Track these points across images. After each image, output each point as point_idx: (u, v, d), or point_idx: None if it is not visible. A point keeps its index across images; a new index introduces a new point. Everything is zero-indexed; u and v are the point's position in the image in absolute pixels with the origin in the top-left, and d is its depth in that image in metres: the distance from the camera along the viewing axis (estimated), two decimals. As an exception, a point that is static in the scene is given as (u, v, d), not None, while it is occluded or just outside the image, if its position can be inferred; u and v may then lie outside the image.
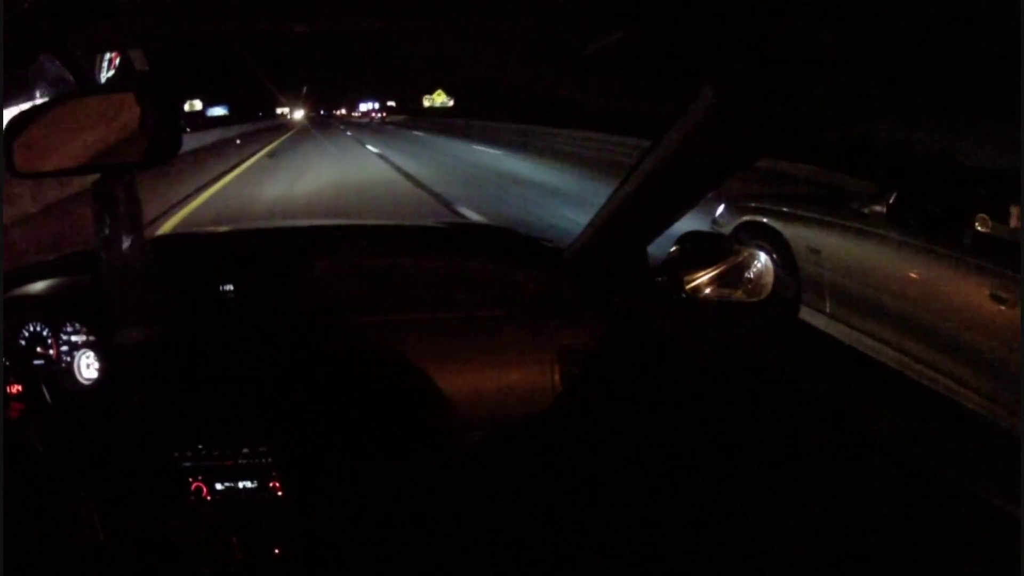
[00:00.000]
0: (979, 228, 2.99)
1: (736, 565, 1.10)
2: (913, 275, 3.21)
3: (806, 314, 3.86)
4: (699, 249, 1.27)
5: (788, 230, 4.01)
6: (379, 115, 65.27)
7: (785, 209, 4.20)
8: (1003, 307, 2.69)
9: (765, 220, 4.22)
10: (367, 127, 46.62)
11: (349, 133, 34.88)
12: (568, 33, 0.80)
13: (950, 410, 0.98)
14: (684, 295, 1.27)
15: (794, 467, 1.02)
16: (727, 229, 4.54)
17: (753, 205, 4.51)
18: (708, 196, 1.16)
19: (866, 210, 3.61)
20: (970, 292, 2.86)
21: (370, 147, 20.97)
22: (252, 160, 17.28)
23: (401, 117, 56.38)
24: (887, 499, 0.86)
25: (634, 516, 1.29)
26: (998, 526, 0.73)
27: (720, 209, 4.81)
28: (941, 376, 2.96)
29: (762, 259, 1.24)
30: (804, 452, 1.01)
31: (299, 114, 60.86)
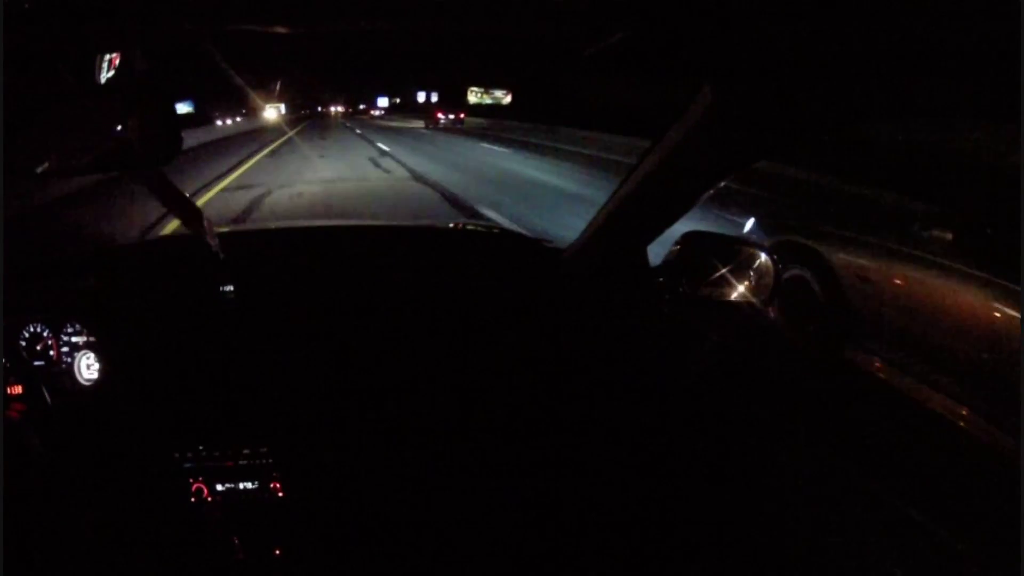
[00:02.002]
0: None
1: (736, 565, 1.10)
2: (986, 316, 2.56)
3: (854, 354, 3.18)
4: (699, 249, 1.27)
5: (833, 253, 3.44)
6: (448, 117, 34.60)
7: (830, 229, 3.59)
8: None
9: (806, 240, 3.64)
10: (418, 139, 23.39)
11: (383, 147, 18.58)
12: (568, 33, 0.80)
13: (949, 411, 0.98)
14: (684, 295, 1.27)
15: (794, 467, 1.02)
16: None
17: (791, 222, 3.91)
18: (733, 210, 1.14)
19: (927, 235, 3.05)
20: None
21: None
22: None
23: (479, 122, 31.88)
24: (887, 498, 0.86)
25: (634, 516, 1.29)
26: (998, 525, 0.73)
27: (750, 225, 4.23)
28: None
29: (762, 259, 1.24)
30: (804, 452, 1.01)
31: (272, 113, 39.12)
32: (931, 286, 2.87)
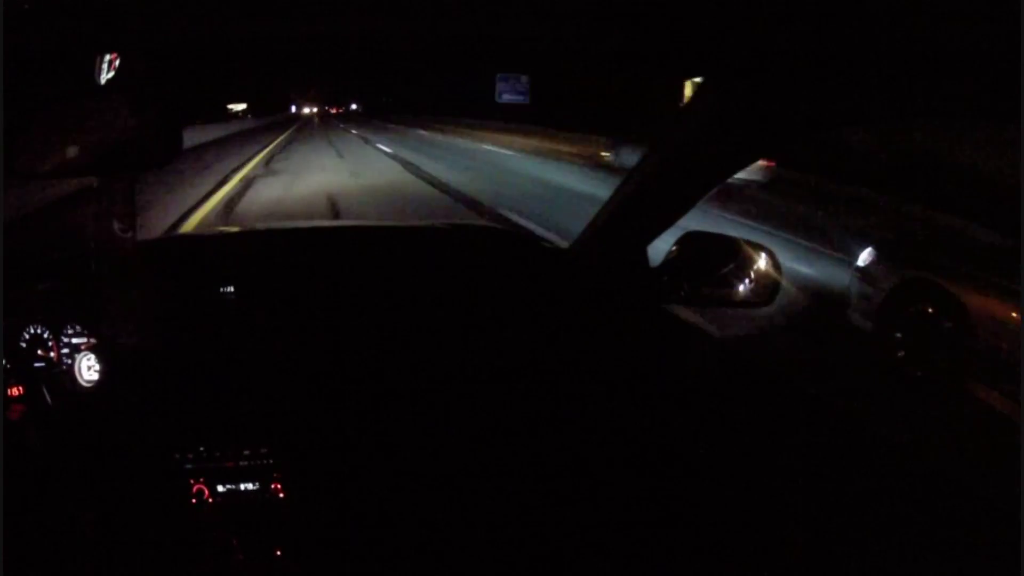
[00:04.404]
0: None
1: (736, 565, 1.10)
2: None
3: (975, 387, 3.23)
4: (700, 249, 1.27)
5: (972, 299, 3.29)
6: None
7: (969, 270, 3.43)
8: None
9: (941, 280, 3.46)
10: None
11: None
12: (568, 33, 0.80)
13: (950, 410, 0.98)
14: (684, 295, 1.27)
15: (794, 467, 1.02)
16: (881, 285, 3.80)
17: (921, 256, 3.72)
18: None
19: None
20: None
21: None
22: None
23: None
24: (887, 499, 0.86)
25: (634, 516, 1.29)
26: (998, 526, 0.73)
27: (867, 255, 3.99)
28: None
29: (763, 259, 1.23)
30: (804, 452, 1.01)
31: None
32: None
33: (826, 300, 4.74)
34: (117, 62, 1.02)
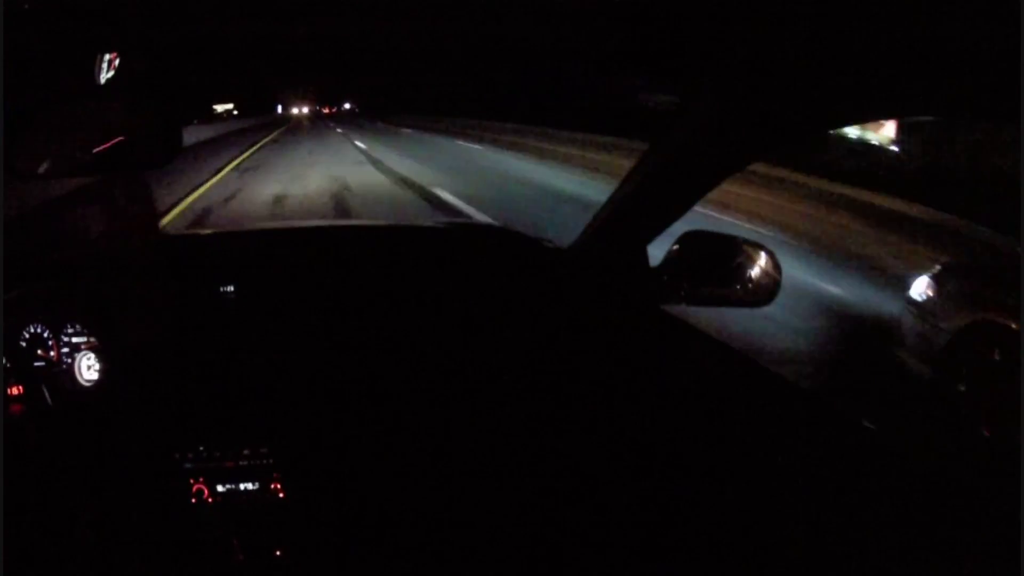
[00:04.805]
0: None
1: (736, 565, 1.10)
2: None
3: None
4: (699, 248, 1.27)
5: None
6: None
7: None
8: None
9: (1014, 326, 2.91)
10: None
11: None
12: (568, 33, 0.80)
13: (950, 410, 0.98)
14: (684, 295, 1.27)
15: (794, 467, 1.02)
16: (944, 326, 3.18)
17: (994, 296, 3.11)
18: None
19: None
20: None
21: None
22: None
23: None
24: (887, 499, 0.86)
25: (634, 516, 1.29)
26: (998, 526, 0.73)
27: (924, 287, 3.39)
28: None
29: (763, 258, 1.23)
30: (804, 452, 1.01)
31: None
32: None
33: (866, 330, 4.09)
34: (117, 62, 1.02)
